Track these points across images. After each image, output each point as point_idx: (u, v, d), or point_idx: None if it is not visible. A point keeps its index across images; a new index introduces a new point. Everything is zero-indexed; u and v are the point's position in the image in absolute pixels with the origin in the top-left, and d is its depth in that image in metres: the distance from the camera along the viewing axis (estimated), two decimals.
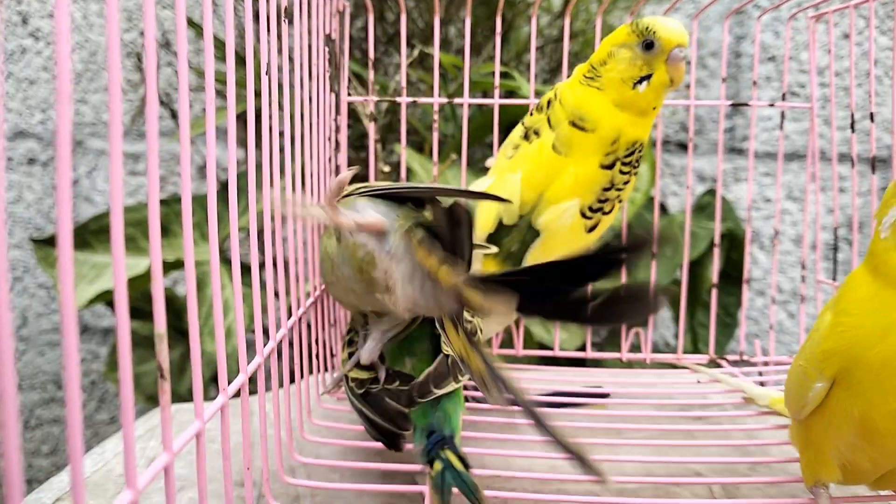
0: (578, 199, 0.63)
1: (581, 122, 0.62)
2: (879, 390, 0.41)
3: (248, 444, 0.44)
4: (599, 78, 0.62)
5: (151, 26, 0.28)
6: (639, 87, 0.61)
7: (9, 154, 1.22)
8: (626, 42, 0.61)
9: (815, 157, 0.79)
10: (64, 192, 0.23)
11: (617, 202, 0.65)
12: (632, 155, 0.63)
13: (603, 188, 0.63)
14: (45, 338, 1.27)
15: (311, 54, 0.63)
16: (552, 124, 0.64)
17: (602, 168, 0.63)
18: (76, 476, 0.24)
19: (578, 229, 0.64)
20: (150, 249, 0.29)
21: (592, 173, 0.63)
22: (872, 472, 0.45)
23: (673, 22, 0.60)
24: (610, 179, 0.63)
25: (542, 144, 0.64)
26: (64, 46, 0.22)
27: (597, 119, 0.62)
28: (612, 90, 0.62)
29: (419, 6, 1.03)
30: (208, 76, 0.35)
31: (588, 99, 0.62)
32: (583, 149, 0.62)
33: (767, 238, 1.20)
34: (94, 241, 1.01)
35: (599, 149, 0.62)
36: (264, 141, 0.46)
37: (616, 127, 0.62)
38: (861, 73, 1.10)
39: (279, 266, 0.51)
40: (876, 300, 0.41)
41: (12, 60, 1.21)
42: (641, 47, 0.60)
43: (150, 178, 0.29)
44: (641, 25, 0.60)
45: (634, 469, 0.60)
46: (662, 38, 0.60)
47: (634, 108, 0.62)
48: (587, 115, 0.62)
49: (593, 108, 0.62)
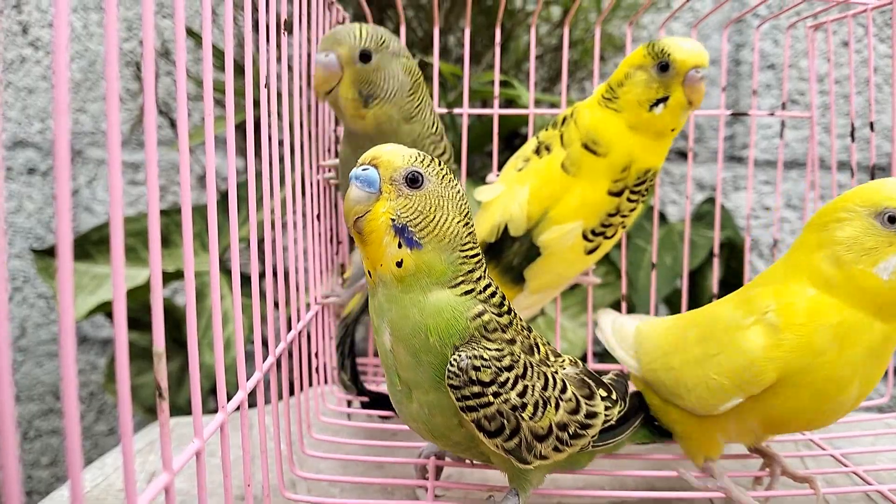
0: (581, 222, 0.63)
1: (594, 145, 0.61)
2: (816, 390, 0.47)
3: (248, 460, 0.43)
4: (617, 100, 0.61)
5: (150, 36, 0.28)
6: (655, 109, 0.60)
7: (8, 164, 1.22)
8: (641, 64, 0.60)
9: (814, 166, 0.79)
10: (63, 204, 0.23)
11: (620, 228, 0.65)
12: (642, 184, 0.63)
13: (608, 213, 0.63)
14: (43, 348, 1.27)
15: (311, 64, 0.63)
16: (564, 143, 0.63)
17: (610, 195, 0.62)
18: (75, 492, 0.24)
19: (578, 251, 0.64)
20: (150, 266, 0.29)
21: (599, 198, 0.62)
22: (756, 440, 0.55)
23: (689, 43, 0.59)
24: (616, 206, 0.63)
25: (552, 161, 0.63)
26: (62, 56, 0.22)
27: (609, 144, 0.61)
28: (629, 112, 0.61)
29: (418, 15, 1.03)
30: (207, 86, 0.35)
31: (604, 122, 0.62)
32: (592, 172, 0.62)
33: (767, 246, 1.20)
34: (94, 252, 1.01)
35: (609, 174, 0.62)
36: (264, 150, 0.46)
37: (628, 153, 0.61)
38: (861, 81, 1.10)
39: (279, 276, 0.51)
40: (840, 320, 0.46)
41: (12, 70, 1.21)
42: (657, 70, 0.59)
43: (150, 188, 0.28)
44: (657, 47, 0.59)
45: (636, 483, 0.60)
46: (677, 61, 0.58)
47: (651, 130, 0.61)
48: (601, 138, 0.61)
49: (608, 132, 0.61)
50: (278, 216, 0.50)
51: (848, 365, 0.46)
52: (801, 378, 0.47)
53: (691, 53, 0.58)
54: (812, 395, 0.47)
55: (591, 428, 0.48)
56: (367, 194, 0.42)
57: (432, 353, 0.43)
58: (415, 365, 0.44)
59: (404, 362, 0.44)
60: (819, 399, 0.48)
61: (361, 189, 0.43)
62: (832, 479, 0.60)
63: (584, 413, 0.47)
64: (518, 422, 0.44)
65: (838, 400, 0.48)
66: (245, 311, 0.97)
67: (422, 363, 0.43)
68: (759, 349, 0.47)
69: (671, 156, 1.23)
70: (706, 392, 0.50)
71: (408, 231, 0.42)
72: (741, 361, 0.48)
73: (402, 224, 0.42)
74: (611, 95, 0.62)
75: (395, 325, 0.43)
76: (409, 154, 0.43)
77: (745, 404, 0.49)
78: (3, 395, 0.22)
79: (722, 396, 0.49)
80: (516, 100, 0.96)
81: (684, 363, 0.51)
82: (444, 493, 0.57)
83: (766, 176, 1.19)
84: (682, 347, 0.52)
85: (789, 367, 0.47)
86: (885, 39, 1.13)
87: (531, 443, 0.44)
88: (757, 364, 0.47)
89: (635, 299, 1.00)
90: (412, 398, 0.45)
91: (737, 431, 0.52)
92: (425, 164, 0.43)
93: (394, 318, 0.43)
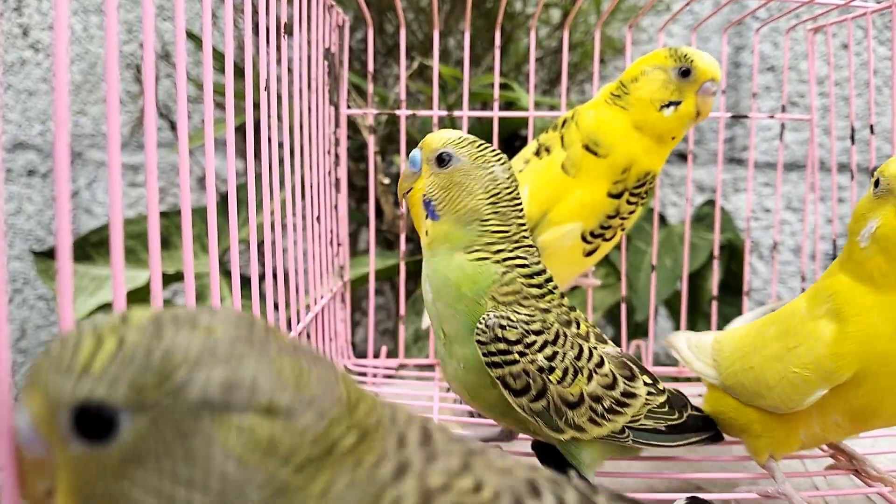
0: (581, 223, 0.63)
1: (595, 146, 0.62)
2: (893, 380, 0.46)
3: None
4: (627, 96, 0.62)
5: (151, 38, 0.28)
6: (665, 110, 0.61)
7: (8, 166, 1.22)
8: (662, 65, 0.61)
9: (814, 168, 0.79)
10: (63, 206, 0.23)
11: (619, 230, 0.65)
12: (641, 186, 0.63)
13: (607, 215, 0.63)
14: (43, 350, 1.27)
15: (311, 66, 0.63)
16: (565, 144, 0.64)
17: (609, 196, 0.62)
18: None
19: (577, 252, 0.64)
20: (150, 268, 0.29)
21: (599, 200, 0.62)
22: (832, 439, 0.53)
23: (710, 57, 0.61)
24: (616, 208, 0.63)
25: (552, 163, 0.63)
26: (63, 59, 0.22)
27: (611, 144, 0.62)
28: (638, 109, 0.61)
29: (418, 18, 1.04)
30: (207, 88, 0.35)
31: (608, 121, 0.62)
32: (592, 173, 0.62)
33: (767, 248, 1.20)
34: (94, 254, 1.01)
35: (609, 176, 0.62)
36: (263, 152, 0.46)
37: (629, 155, 0.61)
38: (860, 84, 1.10)
39: (279, 278, 0.51)
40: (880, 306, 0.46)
41: (12, 72, 1.21)
42: (677, 73, 0.60)
43: (150, 190, 0.29)
44: (681, 52, 0.61)
45: (635, 484, 0.60)
46: (699, 68, 0.60)
47: (654, 131, 0.61)
48: (602, 139, 0.62)
49: (611, 132, 0.62)
50: (278, 218, 0.50)
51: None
52: (879, 368, 0.46)
53: (712, 66, 0.61)
54: (891, 384, 0.46)
55: (629, 408, 0.49)
56: (412, 172, 0.50)
57: (464, 303, 0.47)
58: (452, 315, 0.48)
59: (444, 314, 0.49)
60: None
61: (408, 168, 0.50)
62: (832, 481, 0.60)
63: (622, 391, 0.49)
64: (545, 384, 0.46)
65: None
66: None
67: (458, 312, 0.48)
68: (833, 338, 0.47)
69: (671, 158, 1.23)
70: (789, 387, 0.49)
71: (430, 205, 0.49)
72: (821, 351, 0.47)
73: (428, 199, 0.49)
74: (621, 92, 0.62)
75: (431, 280, 0.49)
76: (447, 136, 0.49)
77: (829, 399, 0.47)
78: (3, 397, 0.22)
79: (804, 389, 0.48)
80: (516, 102, 0.96)
81: (764, 360, 0.50)
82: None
83: (767, 178, 1.19)
84: (761, 346, 0.51)
85: (865, 357, 0.46)
86: (884, 42, 1.13)
87: (560, 408, 0.47)
88: (835, 352, 0.46)
89: (635, 301, 1.00)
90: (452, 354, 0.49)
91: (822, 426, 0.50)
92: (461, 145, 0.48)
93: (429, 273, 0.49)
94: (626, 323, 0.85)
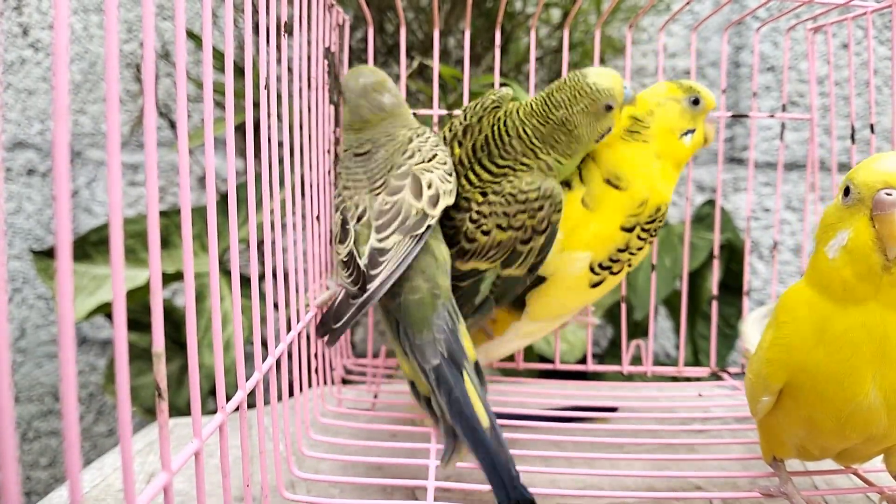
0: (591, 253, 0.64)
1: (616, 179, 0.64)
2: (818, 394, 0.44)
3: (247, 461, 0.43)
4: (646, 129, 0.64)
5: (151, 37, 0.28)
6: (685, 138, 0.65)
7: (8, 165, 1.22)
8: (673, 96, 0.65)
9: (814, 168, 0.79)
10: (63, 205, 0.23)
11: (626, 266, 0.66)
12: (652, 223, 0.65)
13: (618, 248, 0.64)
14: (43, 349, 1.27)
15: (311, 66, 0.63)
16: (584, 179, 0.65)
17: (622, 230, 0.64)
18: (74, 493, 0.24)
19: (583, 282, 0.65)
20: (150, 267, 0.29)
21: (611, 232, 0.64)
22: (822, 455, 0.50)
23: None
24: (626, 242, 0.64)
25: (572, 198, 0.64)
26: (62, 58, 0.22)
27: (632, 177, 0.63)
28: (660, 139, 0.64)
29: (419, 18, 1.04)
30: (207, 87, 0.35)
31: (629, 157, 0.64)
32: (610, 206, 0.64)
33: (767, 248, 1.20)
34: (93, 253, 1.01)
35: (626, 209, 0.63)
36: (263, 152, 0.46)
37: (649, 186, 0.63)
38: (860, 83, 1.10)
39: (279, 277, 0.51)
40: (812, 311, 0.45)
41: (12, 71, 1.21)
42: (689, 102, 0.65)
43: (150, 190, 0.28)
44: (685, 84, 0.65)
45: (635, 483, 0.60)
46: (706, 98, 0.65)
47: (676, 159, 0.65)
48: (624, 172, 0.64)
49: (632, 165, 0.64)
50: (278, 217, 0.50)
51: (843, 362, 0.42)
52: (804, 378, 0.44)
53: (713, 96, 0.66)
54: (817, 398, 0.44)
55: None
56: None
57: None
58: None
59: None
60: (826, 405, 0.44)
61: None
62: (831, 481, 0.60)
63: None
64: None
65: (850, 407, 0.43)
66: (244, 312, 0.97)
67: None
68: (767, 345, 0.47)
69: None
70: (749, 393, 0.50)
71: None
72: (760, 357, 0.48)
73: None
74: (639, 127, 0.65)
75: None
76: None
77: (780, 410, 0.47)
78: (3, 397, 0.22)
79: (753, 396, 0.49)
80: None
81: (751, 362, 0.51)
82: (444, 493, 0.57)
83: (767, 178, 1.19)
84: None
85: (789, 366, 0.45)
86: (884, 42, 1.13)
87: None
88: (767, 359, 0.46)
89: (634, 301, 1.00)
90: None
91: (804, 438, 0.49)
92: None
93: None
94: (625, 322, 0.85)
